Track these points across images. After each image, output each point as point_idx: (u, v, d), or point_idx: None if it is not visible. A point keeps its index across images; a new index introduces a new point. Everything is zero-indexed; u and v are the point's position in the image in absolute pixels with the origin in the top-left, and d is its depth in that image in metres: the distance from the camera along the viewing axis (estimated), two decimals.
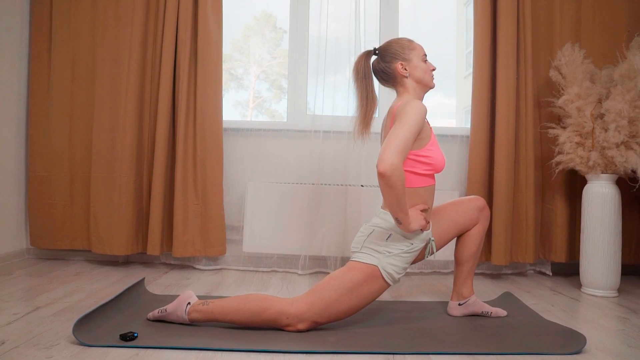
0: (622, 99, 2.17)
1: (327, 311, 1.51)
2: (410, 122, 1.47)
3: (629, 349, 1.48)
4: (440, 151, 1.65)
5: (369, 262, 1.53)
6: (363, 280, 1.52)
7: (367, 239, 1.57)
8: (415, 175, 1.60)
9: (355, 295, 1.52)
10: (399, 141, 1.42)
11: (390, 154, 1.39)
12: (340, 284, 1.52)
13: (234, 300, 1.55)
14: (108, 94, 2.52)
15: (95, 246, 2.50)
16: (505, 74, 2.47)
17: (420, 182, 1.61)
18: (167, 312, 1.57)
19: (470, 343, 1.48)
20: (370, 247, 1.56)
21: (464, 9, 3.13)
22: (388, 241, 1.55)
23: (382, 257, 1.54)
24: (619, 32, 2.57)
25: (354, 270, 1.53)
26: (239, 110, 3.11)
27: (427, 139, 1.60)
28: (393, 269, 1.54)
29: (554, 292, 2.25)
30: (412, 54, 1.68)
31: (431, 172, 1.63)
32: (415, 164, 1.59)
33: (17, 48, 2.59)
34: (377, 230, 1.57)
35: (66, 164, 2.58)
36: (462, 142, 2.68)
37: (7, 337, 1.42)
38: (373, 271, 1.53)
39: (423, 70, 1.68)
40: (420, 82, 1.68)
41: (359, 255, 1.57)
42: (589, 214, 2.24)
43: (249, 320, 1.52)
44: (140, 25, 2.49)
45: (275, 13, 3.03)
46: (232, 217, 2.64)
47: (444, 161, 1.64)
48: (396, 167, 1.38)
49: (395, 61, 1.67)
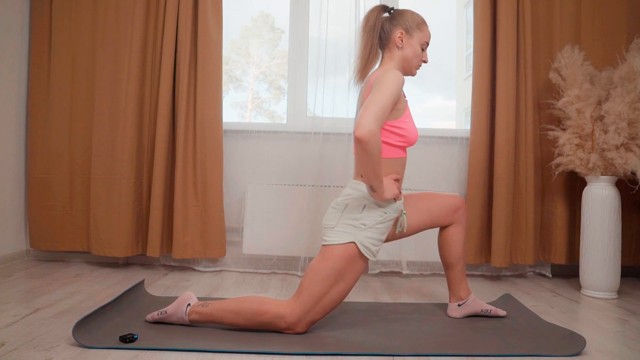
0: (621, 101, 2.17)
1: (319, 306, 1.51)
2: (388, 89, 1.46)
3: (628, 350, 1.48)
4: (414, 125, 1.65)
5: (345, 240, 1.52)
6: (344, 265, 1.51)
7: (343, 214, 1.55)
8: (389, 145, 1.59)
9: (341, 281, 1.52)
10: (377, 108, 1.40)
11: (367, 119, 1.37)
12: (324, 276, 1.50)
13: (233, 302, 1.55)
14: (108, 95, 2.52)
15: (95, 248, 2.50)
16: (505, 75, 2.47)
17: (393, 153, 1.60)
18: (167, 314, 1.57)
19: (470, 345, 1.48)
20: (345, 223, 1.54)
21: (464, 11, 3.14)
22: (363, 212, 1.54)
23: (358, 232, 1.52)
24: (618, 34, 2.58)
25: (334, 258, 1.51)
26: (237, 111, 3.11)
27: (402, 111, 1.59)
28: (370, 241, 1.53)
29: (553, 294, 2.25)
30: (417, 33, 1.65)
31: (404, 144, 1.62)
32: (389, 134, 1.58)
33: (17, 49, 2.59)
34: (351, 202, 1.56)
35: (66, 166, 2.58)
36: (462, 143, 2.68)
37: (7, 338, 1.42)
38: (352, 252, 1.51)
39: (415, 53, 1.66)
40: (406, 62, 1.66)
41: (334, 234, 1.54)
42: (588, 216, 2.24)
43: (247, 323, 1.52)
44: (141, 27, 2.50)
45: (273, 13, 3.04)
46: (232, 219, 2.64)
47: (416, 134, 1.64)
48: (373, 133, 1.36)
49: (399, 28, 1.65)
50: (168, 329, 1.54)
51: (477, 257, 2.53)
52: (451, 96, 3.13)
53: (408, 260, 2.55)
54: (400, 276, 2.59)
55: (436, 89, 3.07)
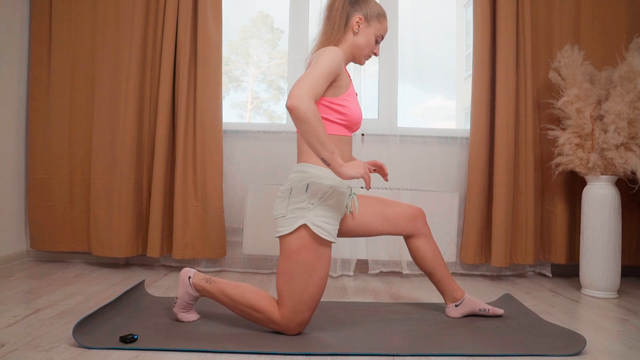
0: (621, 101, 2.17)
1: (303, 304, 1.48)
2: (323, 63, 1.45)
3: (628, 350, 1.48)
4: (358, 106, 1.62)
5: (296, 225, 1.47)
6: (309, 256, 1.47)
7: (290, 200, 1.52)
8: (328, 122, 1.57)
9: (314, 274, 1.48)
10: (309, 79, 1.39)
11: (298, 89, 1.35)
12: (295, 275, 1.48)
13: (234, 289, 1.55)
14: (108, 96, 2.52)
15: (95, 248, 2.50)
16: (505, 75, 2.47)
17: (333, 130, 1.57)
18: (179, 299, 1.60)
19: (470, 344, 1.48)
20: (294, 208, 1.49)
21: (464, 11, 3.14)
22: (308, 191, 1.50)
23: (307, 212, 1.48)
24: (618, 34, 2.58)
25: (296, 254, 1.48)
26: (236, 111, 3.11)
27: (344, 89, 1.57)
28: (321, 220, 1.49)
29: (553, 294, 2.25)
30: (375, 23, 1.65)
31: (345, 122, 1.58)
32: (328, 110, 1.56)
33: (17, 50, 2.59)
34: (295, 185, 1.53)
35: (66, 166, 2.58)
36: (462, 143, 2.68)
37: (7, 339, 1.42)
38: (307, 238, 1.47)
39: (367, 42, 1.64)
40: (357, 49, 1.65)
41: (285, 222, 1.50)
42: (588, 216, 2.24)
43: (242, 314, 1.56)
44: (140, 28, 2.50)
45: (272, 13, 3.03)
46: (232, 219, 2.64)
47: (360, 115, 1.61)
48: (303, 100, 1.33)
49: (359, 13, 1.63)
50: (168, 329, 1.54)
51: (477, 257, 2.53)
52: (451, 96, 3.12)
53: (408, 260, 2.55)
54: (400, 276, 2.59)
55: (436, 88, 3.07)
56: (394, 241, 2.53)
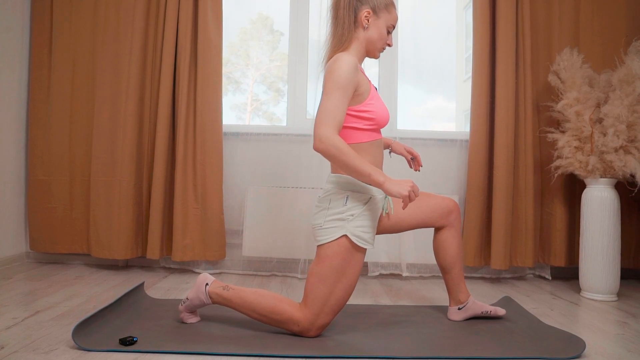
0: (620, 104, 2.17)
1: (327, 307, 1.50)
2: (336, 84, 1.44)
3: (628, 353, 1.48)
4: (383, 104, 1.60)
5: (336, 235, 1.50)
6: (342, 261, 1.49)
7: (328, 210, 1.53)
8: (358, 130, 1.56)
9: (343, 278, 1.50)
10: (328, 114, 1.41)
11: (320, 130, 1.39)
12: (324, 277, 1.50)
13: (252, 295, 1.55)
14: (108, 98, 2.52)
15: (94, 250, 2.50)
16: (505, 78, 2.48)
17: (364, 137, 1.57)
18: (189, 300, 1.60)
19: (470, 347, 1.48)
20: (333, 219, 1.51)
21: (464, 13, 3.14)
22: (348, 204, 1.52)
23: (347, 223, 1.50)
24: (617, 37, 2.58)
25: (329, 258, 1.50)
26: (236, 113, 3.11)
27: (366, 94, 1.54)
28: (361, 230, 1.51)
29: (553, 297, 2.25)
30: (384, 14, 1.59)
31: (374, 126, 1.58)
32: (356, 120, 1.55)
33: (17, 51, 2.59)
34: (333, 196, 1.54)
35: (66, 168, 2.58)
36: (461, 145, 2.68)
37: (7, 341, 1.42)
38: (345, 246, 1.49)
39: (380, 35, 1.60)
40: (370, 44, 1.60)
41: (324, 232, 1.52)
42: (588, 218, 2.24)
43: (261, 318, 1.55)
44: (141, 29, 2.50)
45: (272, 15, 3.04)
46: (232, 221, 2.64)
47: (386, 114, 1.59)
48: (328, 140, 1.38)
49: (366, 7, 1.57)
50: (168, 331, 1.54)
51: (476, 260, 2.53)
52: (451, 98, 3.13)
53: (408, 262, 2.56)
54: (400, 279, 2.59)
55: (436, 90, 3.07)
56: (394, 243, 2.53)
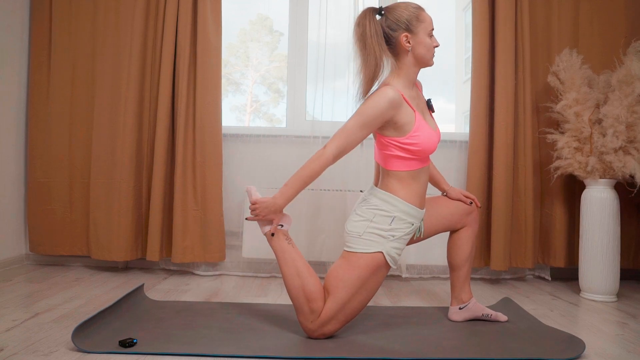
0: (619, 104, 2.18)
1: (342, 314, 1.51)
2: (361, 116, 1.50)
3: (628, 354, 1.48)
4: (429, 131, 1.56)
5: (373, 250, 1.51)
6: (370, 274, 1.51)
7: (371, 223, 1.53)
8: (405, 160, 1.56)
9: (363, 290, 1.52)
10: (342, 134, 1.51)
11: (328, 142, 1.52)
12: (349, 284, 1.50)
13: (303, 266, 1.54)
14: (108, 99, 2.52)
15: (94, 252, 2.50)
16: (504, 79, 2.48)
17: (411, 166, 1.58)
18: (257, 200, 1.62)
19: (469, 349, 1.48)
20: (373, 233, 1.52)
21: (463, 14, 3.15)
22: (392, 224, 1.54)
23: (386, 242, 1.52)
24: (616, 38, 2.58)
25: (360, 268, 1.50)
26: (235, 115, 3.11)
27: (409, 125, 1.52)
28: (395, 251, 1.54)
29: (553, 297, 2.25)
30: (420, 26, 1.54)
31: (419, 157, 1.58)
32: (400, 150, 1.55)
33: (17, 53, 2.60)
34: (380, 213, 1.54)
35: (66, 170, 2.58)
36: (460, 147, 2.68)
37: (6, 343, 1.42)
38: (378, 262, 1.51)
39: (427, 47, 1.56)
40: (420, 60, 1.58)
41: (361, 242, 1.53)
42: (587, 219, 2.24)
43: (292, 290, 1.52)
44: (140, 31, 2.50)
45: (271, 16, 3.04)
46: (232, 223, 2.64)
47: (432, 143, 1.56)
48: (326, 152, 1.50)
49: (401, 31, 1.54)
50: (168, 333, 1.54)
51: (476, 261, 2.53)
52: (450, 99, 3.13)
53: (407, 263, 2.56)
54: (399, 279, 2.59)
55: (435, 92, 3.07)
56: None
